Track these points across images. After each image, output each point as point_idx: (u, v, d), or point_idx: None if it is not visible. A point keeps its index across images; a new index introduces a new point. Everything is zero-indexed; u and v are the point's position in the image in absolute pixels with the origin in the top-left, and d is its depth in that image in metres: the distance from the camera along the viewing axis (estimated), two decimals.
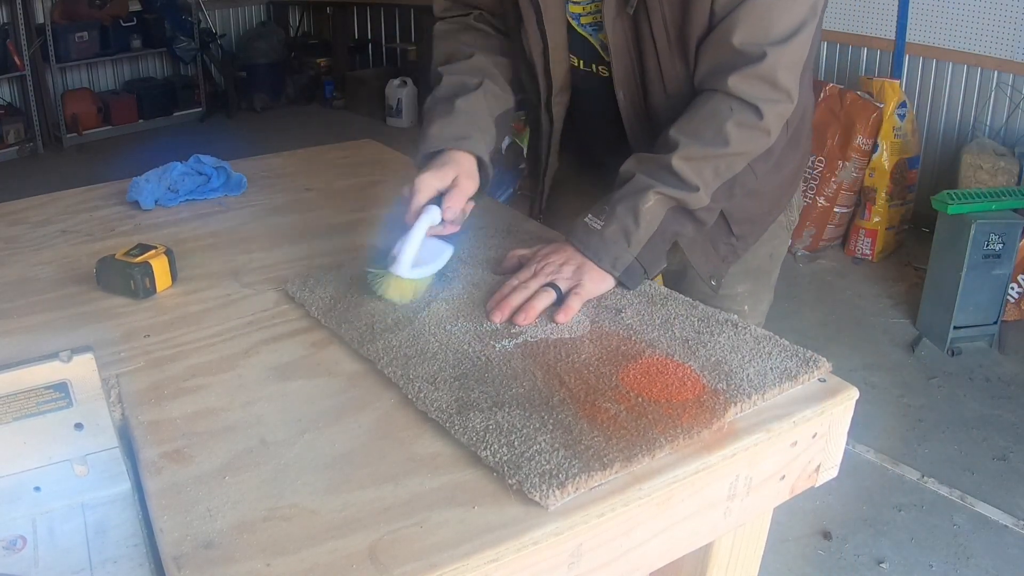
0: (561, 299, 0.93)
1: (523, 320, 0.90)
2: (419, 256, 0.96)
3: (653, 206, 0.97)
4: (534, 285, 0.94)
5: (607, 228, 0.97)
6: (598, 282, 0.96)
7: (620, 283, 0.98)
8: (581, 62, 1.14)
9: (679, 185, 0.98)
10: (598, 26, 1.07)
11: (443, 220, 1.00)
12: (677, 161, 0.97)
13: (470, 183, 1.04)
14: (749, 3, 0.95)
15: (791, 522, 2.04)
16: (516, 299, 0.92)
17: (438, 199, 1.01)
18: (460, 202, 1.01)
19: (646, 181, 0.98)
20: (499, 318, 0.90)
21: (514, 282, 0.95)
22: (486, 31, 1.19)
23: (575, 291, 0.94)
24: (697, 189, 0.98)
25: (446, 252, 1.01)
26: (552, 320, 0.91)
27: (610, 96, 1.11)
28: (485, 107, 1.11)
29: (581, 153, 1.26)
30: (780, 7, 0.96)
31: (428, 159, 1.06)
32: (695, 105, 1.01)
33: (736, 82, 0.97)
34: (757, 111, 0.98)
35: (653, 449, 0.69)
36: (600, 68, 1.12)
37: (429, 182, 1.01)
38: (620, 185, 1.00)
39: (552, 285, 0.94)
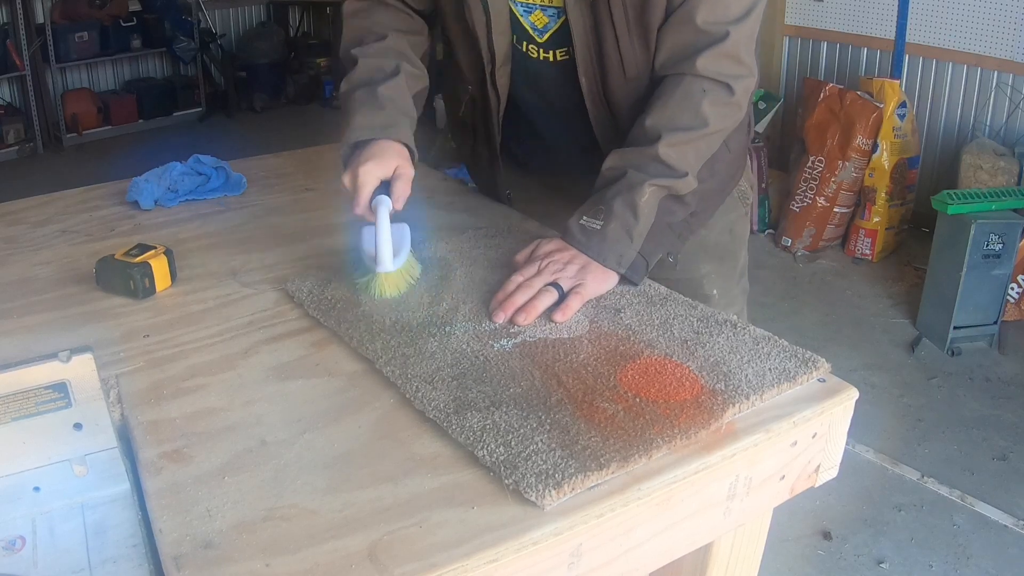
0: (562, 298, 0.93)
1: (523, 320, 0.90)
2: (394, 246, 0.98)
3: (649, 199, 0.99)
4: (537, 284, 0.94)
5: (608, 226, 0.98)
6: (601, 281, 0.97)
7: (625, 279, 0.98)
8: (515, 37, 1.14)
9: (669, 173, 0.99)
10: (529, 8, 1.10)
11: (395, 211, 1.00)
12: (664, 150, 0.99)
13: (410, 169, 1.05)
14: None
15: (791, 522, 2.04)
16: (519, 298, 0.92)
17: (382, 188, 1.01)
18: (408, 190, 1.02)
19: (638, 175, 0.99)
20: (502, 318, 0.90)
21: (518, 279, 0.95)
22: (397, 8, 1.19)
23: (576, 290, 0.94)
24: (686, 174, 1.00)
25: (405, 230, 1.02)
26: (550, 319, 0.91)
27: (564, 80, 1.12)
28: (406, 90, 1.12)
29: (522, 137, 1.26)
30: None
31: (355, 148, 1.05)
32: (665, 91, 1.03)
33: (705, 63, 1.00)
34: (728, 88, 1.01)
35: (650, 449, 0.69)
36: (544, 53, 1.13)
37: (373, 172, 1.01)
38: (610, 182, 1.01)
39: (555, 284, 0.94)
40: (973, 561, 1.95)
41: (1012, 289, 2.93)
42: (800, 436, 0.77)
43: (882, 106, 3.34)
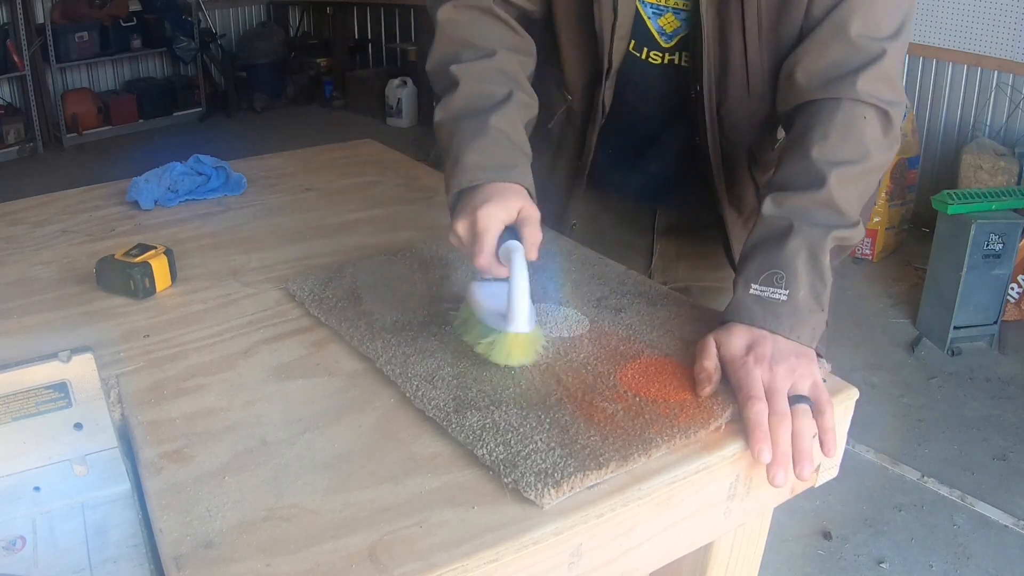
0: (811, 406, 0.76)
1: (808, 474, 0.73)
2: (503, 304, 0.81)
3: (831, 257, 0.83)
4: (783, 406, 0.74)
5: (797, 295, 0.80)
6: (808, 362, 0.79)
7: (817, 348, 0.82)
8: (633, 43, 1.03)
9: (842, 222, 0.84)
10: (660, 11, 0.99)
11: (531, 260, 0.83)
12: (837, 192, 0.84)
13: (536, 211, 0.86)
14: None
15: (791, 522, 2.04)
16: (784, 439, 0.73)
17: (507, 235, 0.84)
18: (540, 236, 0.84)
19: (813, 229, 0.83)
20: (782, 479, 0.72)
21: (758, 407, 0.74)
22: (505, 22, 1.01)
23: (814, 392, 0.77)
24: (857, 223, 0.85)
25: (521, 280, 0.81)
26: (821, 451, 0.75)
27: (676, 89, 1.02)
28: (520, 124, 0.95)
29: (611, 157, 1.14)
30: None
31: (462, 192, 0.88)
32: (821, 118, 0.88)
33: (866, 85, 0.87)
34: (887, 116, 0.88)
35: (649, 449, 0.69)
36: (666, 57, 1.03)
37: (496, 216, 0.83)
38: (774, 236, 0.83)
39: (797, 397, 0.76)
40: (973, 561, 1.95)
41: (1012, 289, 2.93)
42: None
43: None
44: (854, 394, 0.81)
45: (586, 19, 1.01)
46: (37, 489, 0.68)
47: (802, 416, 0.74)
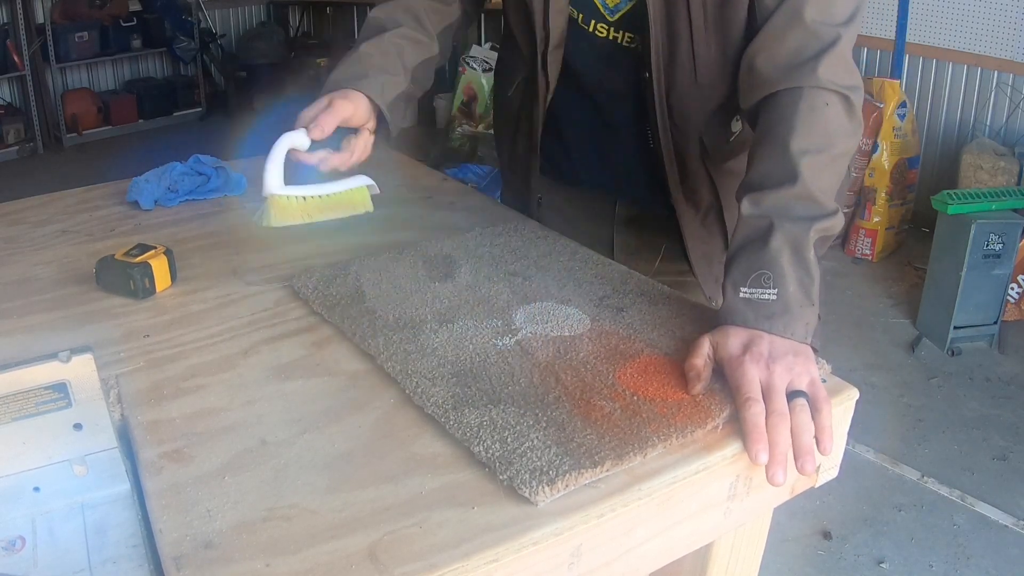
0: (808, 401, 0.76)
1: (811, 469, 0.72)
2: (310, 178, 0.97)
3: (814, 250, 0.84)
4: (781, 404, 0.74)
5: (787, 293, 0.80)
6: (806, 360, 0.78)
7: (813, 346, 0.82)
8: (581, 16, 1.06)
9: (820, 212, 0.84)
10: None
11: (312, 141, 0.98)
12: (812, 184, 0.84)
13: (345, 104, 1.01)
14: None
15: (791, 522, 2.04)
16: (783, 438, 0.72)
17: (339, 134, 1.02)
18: (328, 120, 0.99)
19: (795, 225, 0.83)
20: (782, 479, 0.72)
21: (754, 408, 0.73)
22: None
23: (812, 389, 0.76)
24: (836, 211, 0.85)
25: (353, 180, 1.01)
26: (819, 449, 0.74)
27: (627, 69, 1.04)
28: (394, 50, 1.08)
29: (565, 135, 1.19)
30: None
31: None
32: (786, 108, 0.89)
33: (826, 72, 0.87)
34: (848, 101, 0.89)
35: (645, 448, 0.69)
36: (611, 32, 1.04)
37: (303, 113, 1.00)
38: (762, 236, 0.83)
39: (795, 393, 0.75)
40: (973, 561, 1.95)
41: (1012, 289, 2.93)
42: None
43: (882, 106, 3.34)
44: (854, 394, 0.81)
45: None
46: (37, 489, 0.68)
47: (800, 412, 0.74)
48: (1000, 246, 2.75)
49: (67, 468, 0.69)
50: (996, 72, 3.37)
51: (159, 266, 0.99)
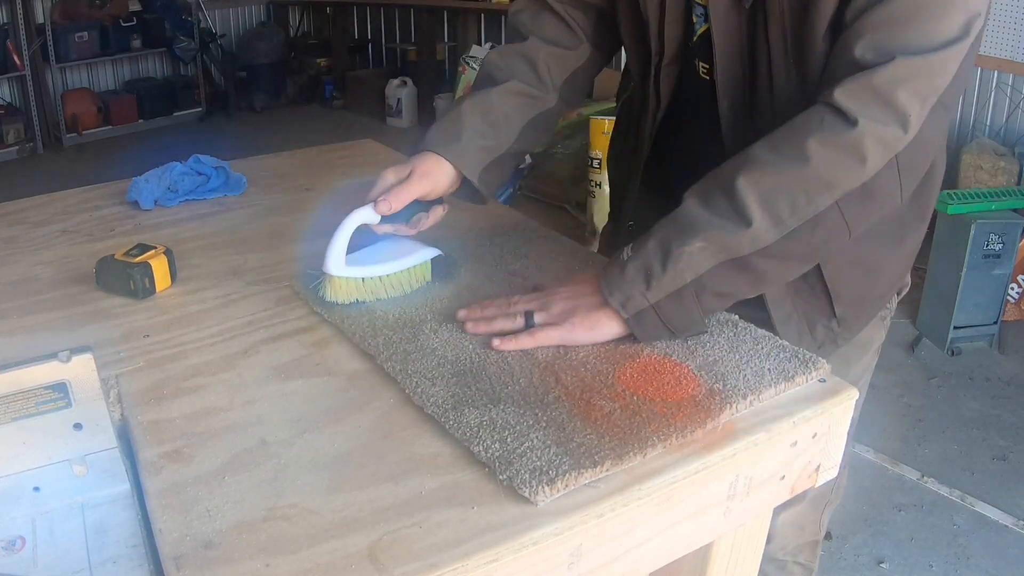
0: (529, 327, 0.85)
1: (470, 328, 0.86)
2: (377, 253, 0.95)
3: (694, 253, 0.80)
4: (516, 307, 0.87)
5: (631, 261, 0.83)
6: (585, 325, 0.84)
7: (630, 329, 0.84)
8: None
9: (732, 217, 0.79)
10: (704, 12, 0.91)
11: (381, 216, 0.94)
12: (742, 182, 0.79)
13: (423, 182, 0.95)
14: (889, 4, 0.76)
15: None
16: (487, 311, 0.87)
17: (414, 206, 0.96)
18: (399, 199, 0.93)
19: (695, 216, 0.81)
20: (462, 315, 0.88)
21: (512, 298, 0.88)
22: (556, 16, 1.04)
23: (548, 327, 0.84)
24: (749, 223, 0.79)
25: (414, 255, 0.97)
26: (488, 346, 0.84)
27: (707, 102, 0.95)
28: (500, 110, 0.99)
29: (672, 160, 1.08)
30: (929, 12, 0.76)
31: (410, 155, 0.99)
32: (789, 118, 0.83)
33: (842, 92, 0.78)
34: (851, 125, 0.77)
35: (645, 448, 0.69)
36: (700, 65, 0.96)
37: (386, 176, 0.95)
38: (673, 212, 0.84)
39: (530, 314, 0.85)
40: (973, 561, 1.95)
41: (1012, 289, 2.93)
42: (800, 436, 0.77)
43: None
44: (854, 394, 0.81)
45: (637, 5, 0.97)
46: (37, 489, 0.68)
47: (505, 316, 0.85)
48: (1000, 246, 2.75)
49: (67, 468, 0.69)
50: (996, 72, 3.37)
51: (159, 266, 0.99)
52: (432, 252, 0.99)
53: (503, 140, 1.00)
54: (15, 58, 4.98)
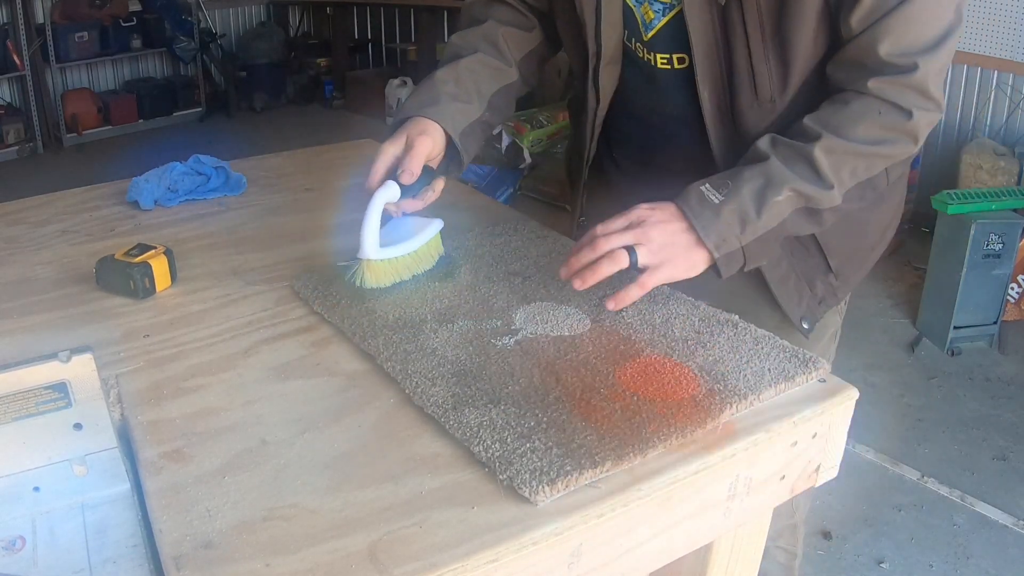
0: (634, 268, 0.86)
1: (579, 286, 0.87)
2: (393, 233, 0.95)
3: (782, 202, 0.89)
4: (613, 242, 0.87)
5: (725, 205, 0.88)
6: (684, 264, 0.88)
7: (714, 268, 0.90)
8: (626, 33, 1.03)
9: (815, 180, 0.89)
10: (662, 8, 0.98)
11: (402, 188, 0.95)
12: (819, 152, 0.89)
13: (426, 140, 0.98)
14: (895, 13, 0.87)
15: None
16: (584, 256, 0.87)
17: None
18: (415, 163, 0.96)
19: (782, 172, 0.89)
20: (565, 274, 0.89)
21: (597, 231, 0.88)
22: (513, 6, 1.12)
23: (652, 270, 0.87)
24: (832, 187, 0.90)
25: (429, 228, 0.99)
26: (603, 304, 0.88)
27: (680, 92, 1.01)
28: (469, 77, 1.05)
29: (629, 151, 1.15)
30: (928, 13, 0.88)
31: (394, 129, 1.02)
32: (837, 102, 0.92)
33: (880, 86, 0.89)
34: (908, 114, 0.90)
35: (646, 448, 0.69)
36: (648, 54, 1.01)
37: (386, 150, 0.98)
38: (751, 162, 0.91)
39: (631, 250, 0.86)
40: (973, 561, 1.95)
41: (1012, 289, 2.92)
42: (800, 436, 0.77)
43: None
44: (854, 394, 0.81)
45: (572, 5, 1.03)
46: (37, 489, 0.68)
47: (609, 259, 0.86)
48: (1000, 246, 2.75)
49: (67, 468, 0.69)
50: (996, 72, 3.37)
51: (159, 266, 0.99)
52: (438, 222, 1.01)
53: (475, 106, 1.05)
54: (15, 58, 4.98)
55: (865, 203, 0.97)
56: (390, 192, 0.94)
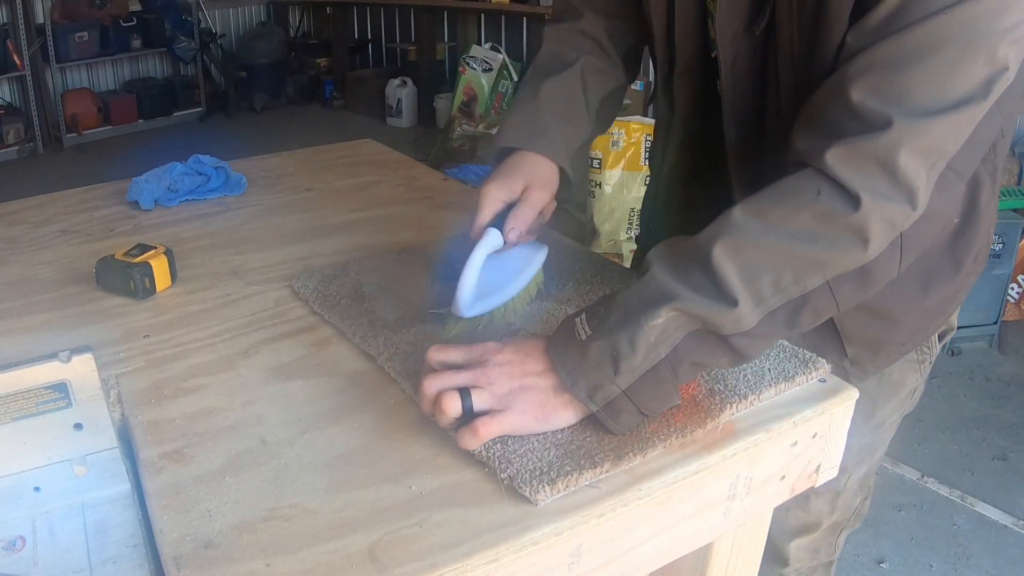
0: (469, 415, 0.68)
1: (425, 408, 0.71)
2: (487, 284, 0.85)
3: (665, 325, 0.67)
4: (447, 381, 0.70)
5: (593, 342, 0.68)
6: (538, 415, 0.69)
7: (602, 422, 0.69)
8: (713, 51, 0.88)
9: (712, 294, 0.67)
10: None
11: (505, 242, 0.85)
12: (719, 253, 0.67)
13: (541, 194, 0.86)
14: (890, 42, 0.65)
15: None
16: (427, 387, 0.70)
17: (505, 212, 0.86)
18: (525, 221, 0.84)
19: (665, 286, 0.68)
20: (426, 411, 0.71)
21: (433, 363, 0.72)
22: None
23: (495, 416, 0.68)
24: (735, 304, 0.67)
25: (530, 266, 0.88)
26: (456, 436, 0.68)
27: (715, 129, 0.89)
28: (578, 90, 0.92)
29: (692, 173, 1.01)
30: (938, 64, 0.64)
31: (500, 158, 0.90)
32: (781, 180, 0.71)
33: (835, 157, 0.66)
34: (853, 204, 0.66)
35: (645, 448, 0.69)
36: (719, 83, 0.88)
37: (495, 195, 0.85)
38: (638, 278, 0.72)
39: (465, 393, 0.68)
40: (973, 561, 1.95)
41: (1012, 289, 2.93)
42: (800, 436, 0.77)
43: None
44: (854, 394, 0.81)
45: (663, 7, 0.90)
46: (37, 489, 0.68)
47: (449, 396, 0.68)
48: (1000, 246, 2.75)
49: (67, 468, 0.69)
50: None
51: (159, 266, 0.99)
52: (540, 255, 0.89)
53: (586, 124, 0.94)
54: (15, 58, 4.99)
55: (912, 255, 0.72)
56: (493, 241, 0.84)
